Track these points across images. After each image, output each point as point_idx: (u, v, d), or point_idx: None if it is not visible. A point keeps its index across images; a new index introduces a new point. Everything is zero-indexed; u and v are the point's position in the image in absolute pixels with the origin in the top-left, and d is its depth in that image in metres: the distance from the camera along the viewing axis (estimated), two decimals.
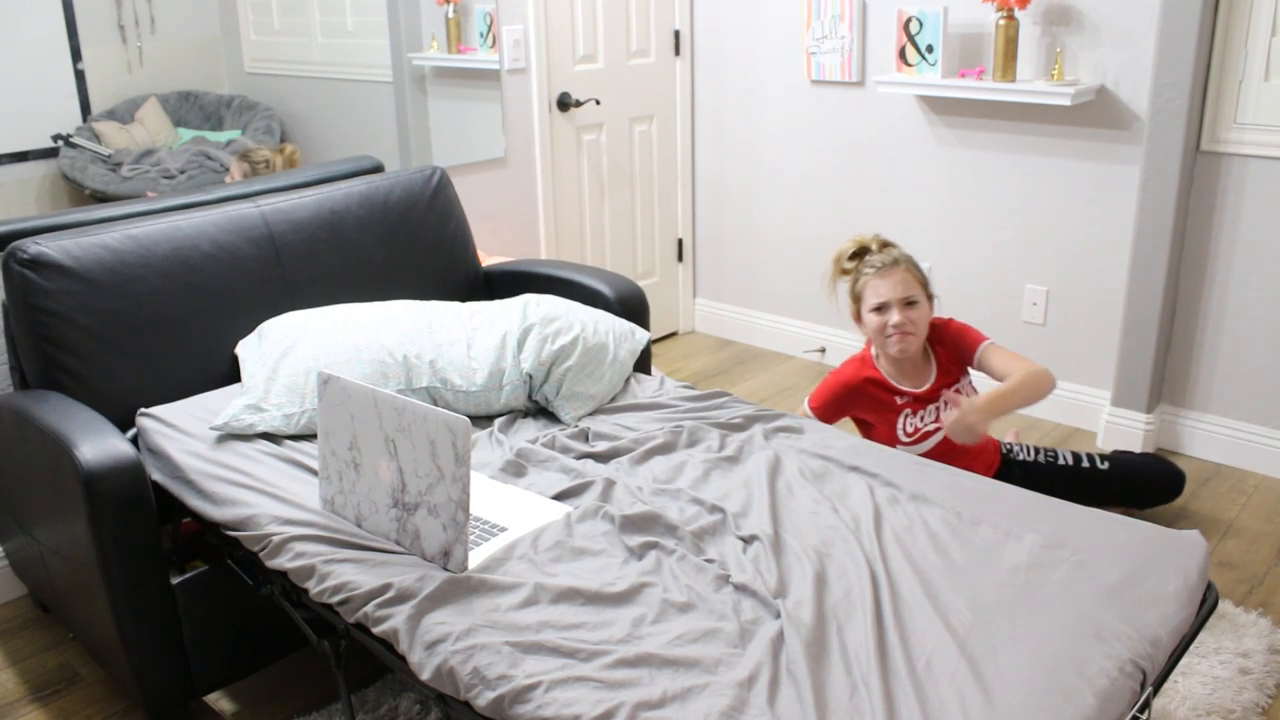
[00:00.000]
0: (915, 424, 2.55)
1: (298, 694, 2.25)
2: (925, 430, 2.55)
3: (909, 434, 2.55)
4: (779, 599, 1.61)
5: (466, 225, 2.88)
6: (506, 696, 1.42)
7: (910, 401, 2.54)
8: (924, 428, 2.55)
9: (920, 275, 2.48)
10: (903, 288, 2.43)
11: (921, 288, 2.47)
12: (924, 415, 2.55)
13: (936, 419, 2.53)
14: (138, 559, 1.96)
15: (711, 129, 4.15)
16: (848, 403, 2.58)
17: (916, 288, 2.45)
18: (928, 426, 2.55)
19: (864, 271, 2.49)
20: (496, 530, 1.82)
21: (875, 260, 2.47)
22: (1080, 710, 1.38)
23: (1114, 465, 2.70)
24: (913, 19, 3.31)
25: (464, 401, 2.29)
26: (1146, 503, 2.73)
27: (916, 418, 2.55)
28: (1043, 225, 3.36)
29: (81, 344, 2.19)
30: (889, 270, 2.44)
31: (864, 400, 2.56)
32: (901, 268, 2.45)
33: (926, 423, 2.55)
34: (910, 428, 2.55)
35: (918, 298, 2.45)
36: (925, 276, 2.50)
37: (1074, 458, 2.70)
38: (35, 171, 2.53)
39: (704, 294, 4.41)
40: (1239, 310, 3.05)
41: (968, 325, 2.56)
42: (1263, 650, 2.27)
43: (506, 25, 3.46)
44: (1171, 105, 2.91)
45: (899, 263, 2.45)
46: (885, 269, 2.44)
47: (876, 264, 2.46)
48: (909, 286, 2.44)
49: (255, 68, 2.92)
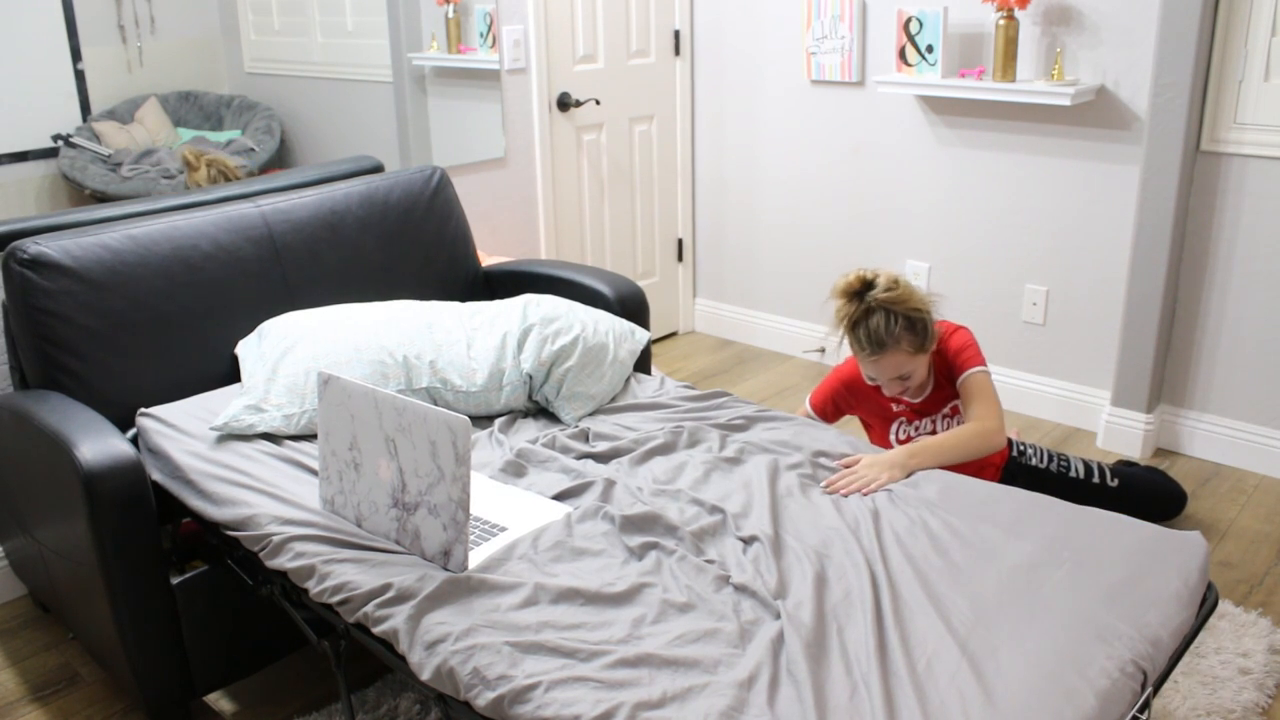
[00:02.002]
0: (909, 432, 2.50)
1: (298, 694, 2.25)
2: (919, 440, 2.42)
3: (900, 441, 2.49)
4: (779, 599, 1.61)
5: (466, 225, 2.88)
6: (506, 696, 1.42)
7: (906, 410, 2.49)
8: (917, 437, 2.48)
9: (917, 339, 2.28)
10: (894, 369, 2.31)
11: (917, 352, 2.29)
12: (919, 425, 2.49)
13: (932, 430, 2.47)
14: (138, 559, 1.96)
15: (711, 129, 4.15)
16: (846, 402, 2.56)
17: (909, 362, 2.30)
18: (921, 436, 2.47)
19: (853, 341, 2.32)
20: (496, 530, 1.82)
21: (862, 339, 2.29)
22: (1081, 711, 1.38)
23: (1122, 484, 2.64)
24: (913, 19, 3.31)
25: (464, 402, 2.29)
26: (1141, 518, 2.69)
27: (911, 426, 2.50)
28: (1043, 225, 3.36)
29: (81, 344, 2.19)
30: (878, 357, 2.29)
31: (861, 401, 2.54)
32: (888, 353, 2.27)
33: (921, 433, 2.49)
34: (903, 434, 2.51)
35: (910, 370, 2.32)
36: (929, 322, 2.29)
37: (1085, 470, 2.62)
38: (35, 171, 2.53)
39: (704, 294, 4.41)
40: (1239, 310, 3.05)
41: (967, 344, 2.39)
42: (1263, 650, 2.27)
43: (506, 25, 3.46)
44: (1171, 105, 2.91)
45: (885, 346, 2.27)
46: (874, 354, 2.29)
47: (864, 346, 2.29)
48: (900, 366, 2.30)
49: (255, 68, 2.92)
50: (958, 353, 2.40)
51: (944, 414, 2.48)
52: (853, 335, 2.32)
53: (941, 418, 2.48)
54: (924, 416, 2.49)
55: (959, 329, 2.44)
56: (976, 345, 2.42)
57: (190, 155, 2.76)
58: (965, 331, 2.43)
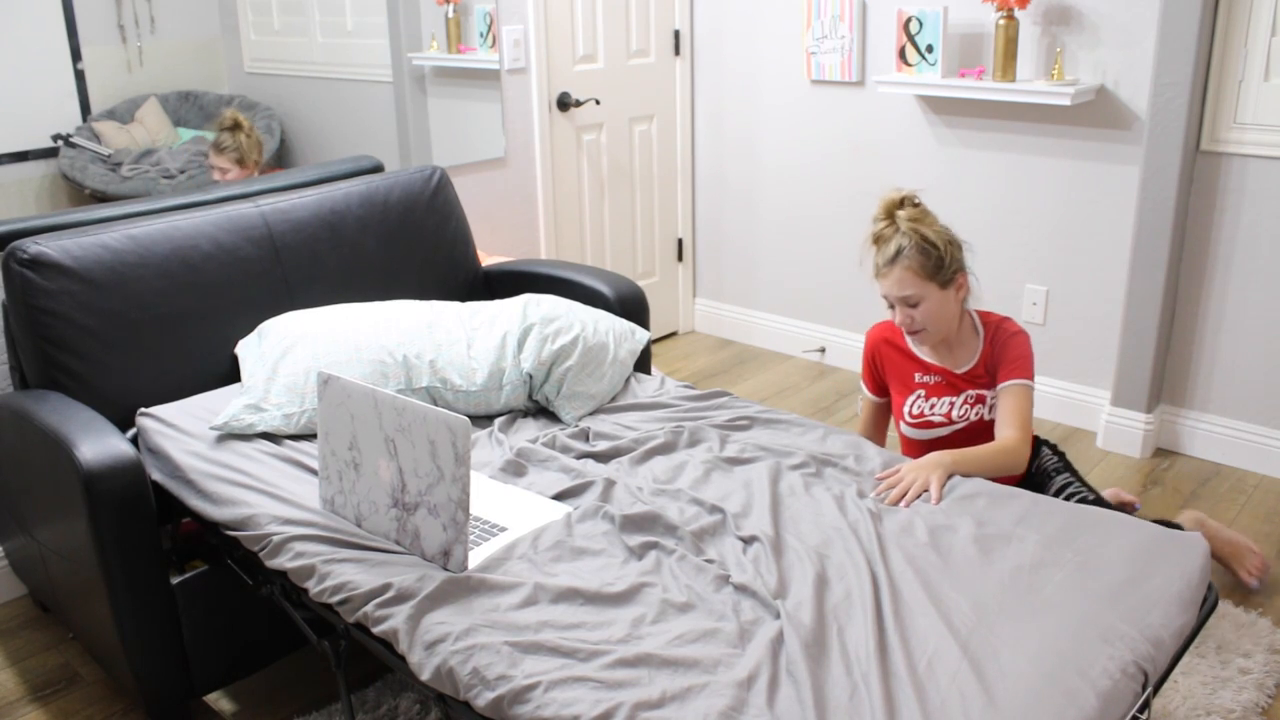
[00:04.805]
0: (922, 408, 2.38)
1: (298, 694, 2.25)
2: (930, 419, 2.37)
3: (914, 416, 2.39)
4: (779, 599, 1.61)
5: (466, 225, 2.88)
6: (506, 696, 1.42)
7: (929, 382, 2.37)
8: (930, 416, 2.37)
9: (929, 263, 2.26)
10: (899, 287, 2.28)
11: (928, 279, 2.26)
12: (936, 404, 2.37)
13: (948, 415, 2.37)
14: (138, 559, 1.96)
15: (711, 129, 4.15)
16: (873, 367, 2.47)
17: (918, 284, 2.26)
18: (934, 416, 2.37)
19: (876, 255, 2.31)
20: (496, 530, 1.82)
21: (878, 254, 2.31)
22: (1083, 711, 1.38)
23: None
24: (913, 19, 3.31)
25: (464, 401, 2.29)
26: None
27: (927, 404, 2.38)
28: (1043, 225, 3.36)
29: (81, 344, 2.19)
30: (888, 268, 2.28)
31: (886, 360, 2.44)
32: (899, 267, 2.26)
33: (936, 412, 2.37)
34: (916, 410, 2.39)
35: (919, 296, 2.26)
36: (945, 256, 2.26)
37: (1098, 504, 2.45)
38: (35, 171, 2.53)
39: (704, 294, 4.41)
40: (1239, 310, 3.05)
41: (1024, 354, 2.32)
42: (1263, 650, 2.27)
43: (506, 25, 3.46)
44: (1171, 105, 2.91)
45: (897, 260, 2.26)
46: (885, 266, 2.28)
47: (879, 259, 2.31)
48: (905, 285, 2.27)
49: (255, 68, 2.92)
50: (1014, 359, 2.32)
51: (965, 400, 2.37)
52: (876, 247, 2.32)
53: (962, 404, 2.37)
54: (945, 393, 2.38)
55: (1021, 333, 2.37)
56: (1031, 357, 2.34)
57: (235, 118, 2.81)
58: (1026, 338, 2.36)
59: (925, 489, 1.94)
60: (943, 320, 2.32)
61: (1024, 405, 2.27)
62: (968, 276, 2.33)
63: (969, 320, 2.40)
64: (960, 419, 2.35)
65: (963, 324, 2.38)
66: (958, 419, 2.35)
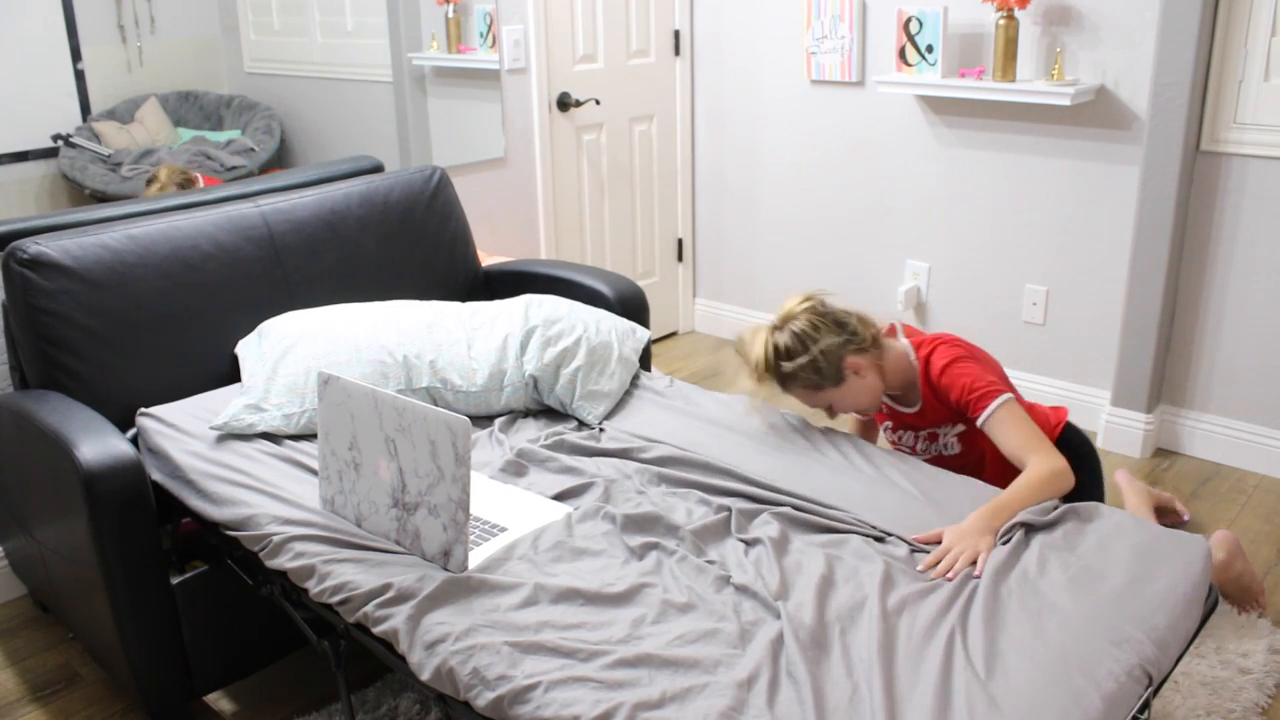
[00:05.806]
0: (894, 439, 2.33)
1: (298, 694, 2.25)
2: (901, 448, 2.31)
3: (890, 443, 2.36)
4: (780, 600, 1.60)
5: (466, 225, 2.88)
6: (506, 697, 1.42)
7: (891, 415, 2.30)
8: (901, 446, 2.31)
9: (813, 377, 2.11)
10: (803, 402, 2.19)
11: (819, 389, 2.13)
12: (903, 436, 2.30)
13: (913, 446, 2.29)
14: (138, 559, 1.96)
15: (711, 129, 4.15)
16: None
17: (816, 396, 2.15)
18: (904, 447, 2.31)
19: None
20: (496, 530, 1.82)
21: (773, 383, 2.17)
22: (1087, 713, 1.38)
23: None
24: (913, 19, 3.30)
25: (464, 402, 2.29)
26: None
27: (895, 435, 2.32)
28: (1043, 225, 3.36)
29: (81, 344, 2.19)
30: (786, 395, 2.18)
31: None
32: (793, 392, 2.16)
33: (903, 445, 2.31)
34: (890, 438, 2.35)
35: (826, 399, 2.16)
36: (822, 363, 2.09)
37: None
38: (35, 171, 2.53)
39: (704, 294, 4.41)
40: (1239, 310, 3.05)
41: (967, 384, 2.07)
42: (1263, 650, 2.27)
43: (506, 25, 3.46)
44: (1171, 105, 2.91)
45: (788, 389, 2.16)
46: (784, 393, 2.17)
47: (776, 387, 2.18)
48: (807, 400, 2.17)
49: (255, 68, 2.92)
50: (963, 393, 2.07)
51: (925, 436, 2.27)
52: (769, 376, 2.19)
53: (925, 438, 2.27)
54: (907, 429, 2.29)
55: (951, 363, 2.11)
56: (977, 373, 2.08)
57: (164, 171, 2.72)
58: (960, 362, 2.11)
59: (972, 561, 1.73)
60: (862, 397, 2.17)
61: (1017, 426, 2.01)
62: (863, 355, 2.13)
63: (902, 361, 2.20)
64: (923, 453, 2.27)
65: (896, 368, 2.19)
66: (921, 452, 2.28)
